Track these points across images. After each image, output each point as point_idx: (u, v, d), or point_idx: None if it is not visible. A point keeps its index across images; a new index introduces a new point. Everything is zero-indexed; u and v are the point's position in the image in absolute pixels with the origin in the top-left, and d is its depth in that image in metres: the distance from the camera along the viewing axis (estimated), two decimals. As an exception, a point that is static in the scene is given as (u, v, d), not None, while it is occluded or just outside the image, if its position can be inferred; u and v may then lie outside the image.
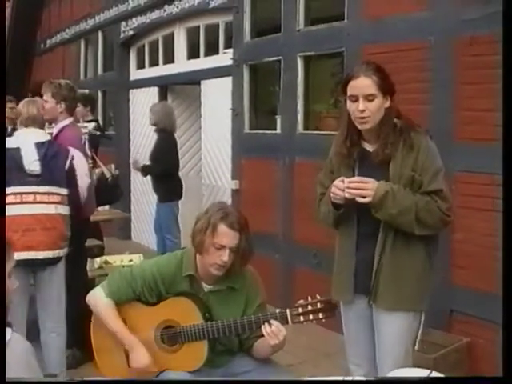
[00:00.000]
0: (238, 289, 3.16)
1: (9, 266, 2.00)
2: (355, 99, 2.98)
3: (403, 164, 2.98)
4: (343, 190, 2.92)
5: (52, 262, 4.19)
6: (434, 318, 4.22)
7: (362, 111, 2.96)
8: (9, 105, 6.64)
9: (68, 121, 4.91)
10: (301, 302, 3.00)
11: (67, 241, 4.29)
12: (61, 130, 4.75)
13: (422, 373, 2.59)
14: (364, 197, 2.89)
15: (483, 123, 4.40)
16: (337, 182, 2.97)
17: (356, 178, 2.96)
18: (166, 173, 7.10)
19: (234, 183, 7.14)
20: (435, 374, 2.58)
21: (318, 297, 3.00)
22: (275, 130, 6.65)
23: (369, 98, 2.95)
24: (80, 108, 7.01)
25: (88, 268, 5.22)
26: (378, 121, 2.99)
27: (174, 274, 3.13)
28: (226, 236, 3.00)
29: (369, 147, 3.08)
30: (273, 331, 2.92)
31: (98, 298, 3.16)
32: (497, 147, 3.85)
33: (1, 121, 4.64)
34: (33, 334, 4.25)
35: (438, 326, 4.59)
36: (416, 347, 3.22)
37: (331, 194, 2.99)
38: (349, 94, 3.01)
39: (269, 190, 6.60)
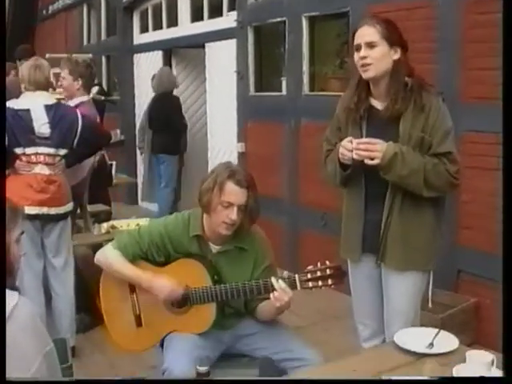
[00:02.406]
0: (246, 249, 3.14)
1: (16, 231, 1.99)
2: (358, 48, 2.95)
3: (413, 125, 2.93)
4: (351, 151, 2.88)
5: (63, 217, 4.35)
6: (442, 278, 4.22)
7: (363, 58, 2.92)
8: (13, 71, 6.68)
9: (85, 97, 4.96)
10: (310, 267, 2.95)
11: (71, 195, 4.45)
12: (76, 106, 4.76)
13: (430, 332, 2.61)
14: (372, 158, 2.86)
15: (490, 82, 4.35)
16: (345, 143, 2.92)
17: (364, 140, 2.91)
18: None
19: (239, 146, 7.13)
20: (443, 333, 2.60)
21: (328, 263, 2.95)
22: (280, 91, 6.61)
23: (371, 45, 2.90)
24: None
25: (95, 233, 5.26)
26: (382, 70, 2.93)
27: (181, 234, 3.11)
28: (234, 194, 2.97)
29: (377, 104, 3.03)
30: (279, 292, 2.88)
31: (107, 251, 3.18)
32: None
33: (1, 90, 4.65)
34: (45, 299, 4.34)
35: (445, 287, 4.60)
36: (429, 305, 3.22)
37: (339, 155, 2.95)
38: (354, 44, 2.98)
39: (275, 152, 6.58)
